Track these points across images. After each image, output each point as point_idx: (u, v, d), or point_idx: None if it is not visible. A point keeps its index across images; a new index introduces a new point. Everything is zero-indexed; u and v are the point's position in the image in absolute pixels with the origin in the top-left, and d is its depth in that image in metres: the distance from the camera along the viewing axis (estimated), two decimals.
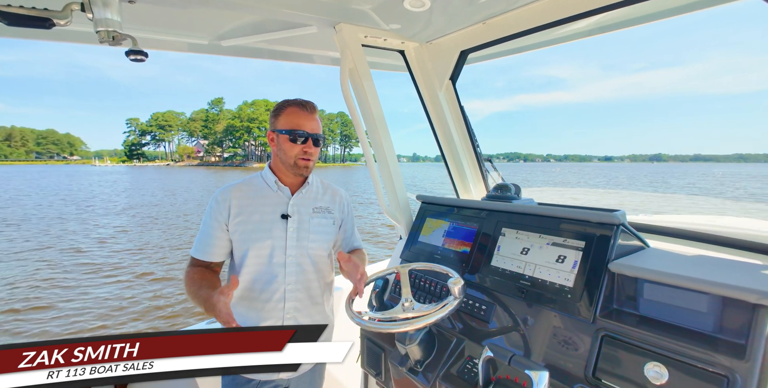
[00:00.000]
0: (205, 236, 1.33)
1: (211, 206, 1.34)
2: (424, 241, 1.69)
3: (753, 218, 1.71)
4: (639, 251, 1.22)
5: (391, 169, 1.80)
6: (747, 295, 0.85)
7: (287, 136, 1.32)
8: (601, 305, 1.07)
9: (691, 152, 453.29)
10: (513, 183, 1.72)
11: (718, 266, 1.05)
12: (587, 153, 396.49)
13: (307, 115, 1.34)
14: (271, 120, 1.38)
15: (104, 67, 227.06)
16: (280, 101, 1.38)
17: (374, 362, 1.50)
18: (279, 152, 1.35)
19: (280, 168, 1.39)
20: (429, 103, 1.98)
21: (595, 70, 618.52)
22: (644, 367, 0.93)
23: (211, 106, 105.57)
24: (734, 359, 0.83)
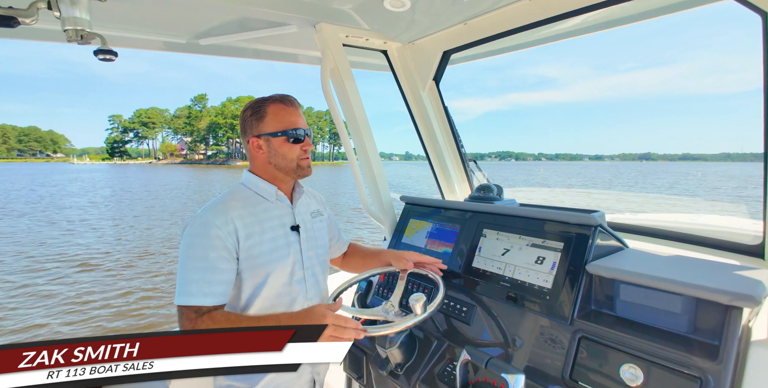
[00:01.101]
0: (211, 273, 1.03)
1: (209, 235, 1.04)
2: (407, 242, 1.68)
3: (730, 217, 1.74)
4: (617, 251, 1.23)
5: (374, 169, 1.79)
6: (720, 296, 0.86)
7: (284, 137, 1.16)
8: (578, 307, 1.07)
9: (679, 151, 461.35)
10: (495, 184, 1.72)
11: (693, 266, 1.05)
12: (578, 152, 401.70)
13: (294, 110, 1.20)
14: (249, 124, 1.17)
15: (93, 64, 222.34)
16: (252, 102, 1.19)
17: (356, 365, 1.49)
18: (274, 158, 1.17)
19: (275, 175, 1.21)
20: (413, 104, 1.97)
21: (585, 69, 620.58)
22: (620, 368, 0.93)
23: (194, 102, 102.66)
24: (707, 361, 0.84)
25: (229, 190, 1.20)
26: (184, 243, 1.06)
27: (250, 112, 1.18)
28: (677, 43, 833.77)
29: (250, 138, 1.19)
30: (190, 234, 1.06)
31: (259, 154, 1.19)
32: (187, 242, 1.06)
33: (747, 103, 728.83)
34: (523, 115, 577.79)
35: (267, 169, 1.22)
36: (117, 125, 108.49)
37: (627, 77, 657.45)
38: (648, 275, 0.96)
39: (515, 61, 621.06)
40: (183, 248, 1.05)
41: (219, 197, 1.16)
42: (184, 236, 1.07)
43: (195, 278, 1.03)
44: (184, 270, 1.03)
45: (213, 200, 1.15)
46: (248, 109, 1.19)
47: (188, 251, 1.04)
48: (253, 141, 1.18)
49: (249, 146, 1.21)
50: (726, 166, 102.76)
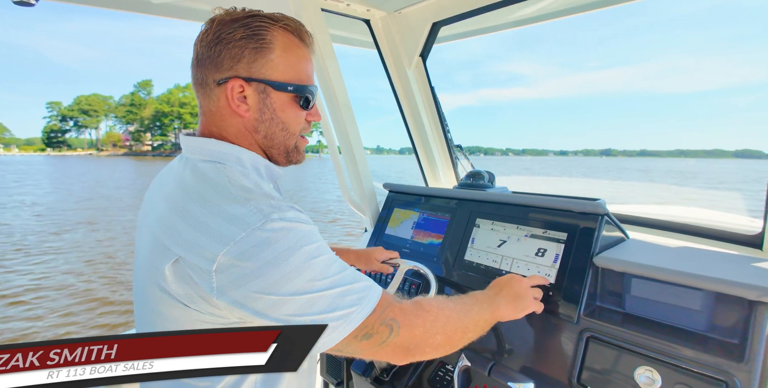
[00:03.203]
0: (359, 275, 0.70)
1: (316, 230, 0.68)
2: (391, 233, 1.54)
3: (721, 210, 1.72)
4: (621, 242, 1.14)
5: (356, 155, 1.63)
6: (746, 291, 0.77)
7: (293, 95, 0.73)
8: (585, 304, 0.97)
9: (638, 148, 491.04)
10: (487, 170, 1.61)
11: (704, 258, 0.98)
12: (544, 147, 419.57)
13: (309, 55, 0.77)
14: (234, 53, 0.68)
15: (44, 48, 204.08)
16: (242, 15, 0.70)
17: (335, 370, 1.35)
18: (268, 124, 0.73)
19: (264, 152, 0.78)
20: (397, 83, 1.81)
21: (554, 67, 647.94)
22: (634, 372, 0.84)
23: (138, 88, 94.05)
24: (732, 362, 0.75)
25: (221, 175, 0.67)
26: (297, 263, 0.61)
27: (243, 32, 0.67)
28: (641, 44, 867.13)
29: (230, 77, 0.68)
30: (313, 241, 0.64)
31: (240, 110, 0.71)
32: (316, 248, 0.64)
33: (699, 102, 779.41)
34: (493, 111, 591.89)
35: (250, 142, 0.75)
36: (56, 113, 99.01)
37: (592, 76, 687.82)
38: (667, 268, 0.87)
39: (487, 57, 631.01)
40: (300, 270, 0.61)
41: (240, 189, 0.65)
42: (286, 255, 0.60)
43: (352, 281, 0.67)
44: (329, 287, 0.63)
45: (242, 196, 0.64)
46: (237, 26, 0.68)
47: (323, 259, 0.64)
48: (234, 85, 0.69)
49: (221, 92, 0.70)
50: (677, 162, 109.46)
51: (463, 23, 1.63)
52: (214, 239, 0.59)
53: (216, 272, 0.59)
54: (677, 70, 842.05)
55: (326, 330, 0.60)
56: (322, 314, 0.61)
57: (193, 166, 0.70)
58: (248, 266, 0.58)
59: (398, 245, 1.47)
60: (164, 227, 0.65)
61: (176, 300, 0.64)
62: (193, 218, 0.62)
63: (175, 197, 0.67)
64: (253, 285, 0.59)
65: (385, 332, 0.65)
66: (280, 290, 0.59)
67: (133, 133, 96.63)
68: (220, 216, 0.61)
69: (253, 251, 0.58)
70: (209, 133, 0.73)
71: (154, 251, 0.65)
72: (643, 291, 0.93)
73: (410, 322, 0.68)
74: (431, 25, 1.59)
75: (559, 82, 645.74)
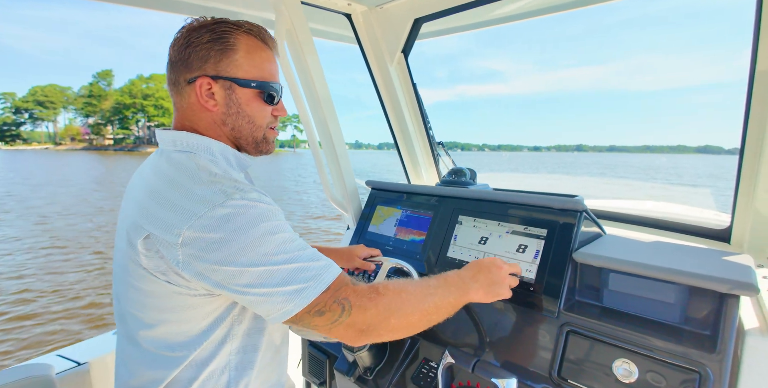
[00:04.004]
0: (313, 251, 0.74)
1: (280, 212, 0.73)
2: (374, 231, 1.52)
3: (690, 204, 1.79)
4: (598, 238, 1.17)
5: (338, 151, 1.60)
6: (717, 284, 0.80)
7: (257, 91, 0.80)
8: (564, 298, 0.99)
9: (607, 143, 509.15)
10: (468, 167, 1.61)
11: (680, 253, 1.01)
12: (519, 143, 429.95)
13: (273, 55, 0.84)
14: (202, 55, 0.76)
15: (3, 36, 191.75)
16: (208, 22, 0.78)
17: (317, 369, 1.33)
18: (235, 117, 0.80)
19: (233, 143, 0.85)
20: (379, 78, 1.79)
21: (529, 64, 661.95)
22: (612, 364, 0.86)
23: (97, 79, 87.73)
24: (705, 353, 0.78)
25: (191, 162, 0.73)
26: (253, 236, 0.65)
27: (210, 36, 0.75)
28: (612, 43, 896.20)
29: (198, 76, 0.76)
30: (271, 219, 0.68)
31: (208, 105, 0.78)
32: (273, 227, 0.68)
33: (664, 100, 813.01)
34: (470, 106, 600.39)
35: (219, 134, 0.81)
36: (9, 105, 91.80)
37: (565, 73, 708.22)
38: (644, 263, 0.89)
39: (464, 53, 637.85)
40: (257, 242, 0.65)
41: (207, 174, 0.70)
42: (242, 230, 0.65)
43: (310, 256, 0.71)
44: (285, 262, 0.67)
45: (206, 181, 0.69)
46: (204, 31, 0.75)
47: (281, 237, 0.68)
48: (202, 82, 0.76)
49: (191, 90, 0.77)
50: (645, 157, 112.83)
51: (444, 20, 1.62)
52: (180, 215, 0.65)
53: (181, 246, 0.65)
54: (644, 68, 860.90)
55: (280, 303, 0.66)
56: (277, 287, 0.65)
57: (168, 156, 0.77)
58: (209, 239, 0.64)
59: (381, 243, 1.46)
60: (139, 209, 0.71)
61: (150, 274, 0.70)
62: (163, 198, 0.69)
63: (150, 183, 0.74)
64: (212, 256, 0.64)
65: (338, 310, 0.68)
66: (236, 261, 0.64)
67: (93, 127, 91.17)
68: (186, 196, 0.67)
69: (215, 224, 0.64)
70: (182, 127, 0.82)
71: (131, 231, 0.71)
72: (620, 285, 0.95)
73: (362, 303, 0.70)
74: (413, 21, 1.57)
75: (534, 79, 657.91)
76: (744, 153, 1.09)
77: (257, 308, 0.68)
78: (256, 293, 0.66)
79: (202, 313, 0.74)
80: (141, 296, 0.73)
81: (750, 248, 1.12)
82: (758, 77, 1.01)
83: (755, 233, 1.10)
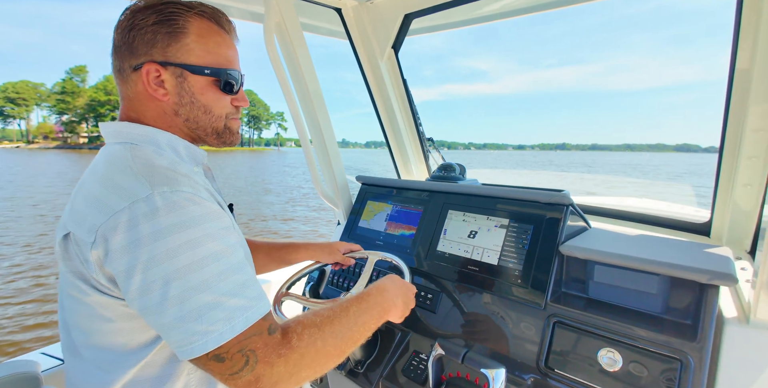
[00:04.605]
0: (245, 272, 0.63)
1: (220, 217, 0.63)
2: (364, 226, 1.53)
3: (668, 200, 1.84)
4: (584, 231, 1.19)
5: (328, 147, 1.60)
6: (698, 275, 0.83)
7: (211, 79, 0.73)
8: (551, 290, 1.01)
9: (590, 142, 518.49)
10: (458, 163, 1.63)
11: (662, 246, 1.04)
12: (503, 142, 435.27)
13: (230, 39, 0.77)
14: (147, 38, 0.68)
15: None
16: (156, 2, 0.70)
17: None
18: (189, 108, 0.73)
19: (190, 135, 0.77)
20: (369, 74, 1.78)
21: (513, 64, 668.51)
22: (597, 353, 0.89)
23: (71, 75, 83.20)
24: (686, 341, 0.81)
25: (126, 153, 0.66)
26: (167, 244, 0.55)
27: (156, 18, 0.67)
28: (593, 43, 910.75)
29: (144, 62, 0.68)
30: (204, 218, 0.59)
31: (157, 94, 0.70)
32: (205, 231, 0.59)
33: (643, 99, 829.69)
34: (455, 106, 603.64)
35: (170, 125, 0.74)
36: None
37: (548, 73, 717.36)
38: (626, 255, 0.92)
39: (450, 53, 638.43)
40: (173, 250, 0.55)
41: (141, 164, 0.63)
42: (154, 235, 0.55)
43: (244, 281, 0.61)
44: (198, 288, 0.56)
45: (128, 168, 0.62)
46: (150, 12, 0.68)
47: (209, 247, 0.58)
48: (149, 69, 0.68)
49: (137, 77, 0.69)
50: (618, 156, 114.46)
51: (434, 16, 1.62)
52: (98, 210, 0.57)
53: (93, 245, 0.56)
54: (624, 68, 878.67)
55: (178, 340, 0.56)
56: (179, 321, 0.55)
57: (107, 150, 0.70)
58: (121, 241, 0.55)
59: (372, 238, 1.47)
60: (69, 208, 0.65)
61: (71, 279, 0.62)
62: (88, 192, 0.62)
63: (84, 179, 0.67)
64: (121, 262, 0.55)
65: (240, 362, 0.57)
66: (145, 275, 0.54)
67: (67, 124, 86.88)
68: (108, 187, 0.59)
69: (129, 224, 0.55)
70: (128, 118, 0.73)
71: (57, 231, 0.66)
72: (605, 277, 0.97)
73: (269, 359, 0.58)
74: (403, 17, 1.57)
75: (517, 78, 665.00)
76: (723, 150, 1.12)
77: (160, 334, 0.59)
78: (157, 319, 0.56)
79: (138, 325, 0.63)
80: (68, 301, 0.65)
81: (729, 241, 1.16)
82: (737, 76, 1.04)
83: (734, 227, 1.14)
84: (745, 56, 1.01)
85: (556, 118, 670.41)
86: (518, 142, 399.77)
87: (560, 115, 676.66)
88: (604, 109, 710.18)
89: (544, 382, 0.93)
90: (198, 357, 0.56)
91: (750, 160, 1.06)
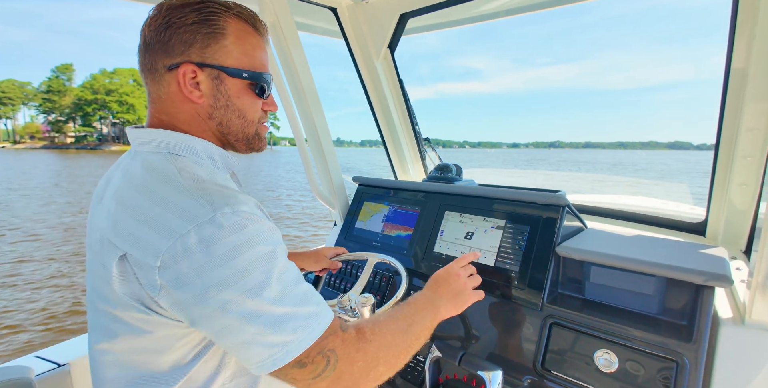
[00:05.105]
0: (309, 284, 0.66)
1: (275, 232, 0.63)
2: (361, 227, 1.52)
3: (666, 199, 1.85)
4: (580, 232, 1.19)
5: (324, 147, 1.59)
6: (693, 277, 0.83)
7: (248, 83, 0.71)
8: (548, 291, 1.01)
9: (583, 140, 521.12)
10: (454, 164, 1.62)
11: (658, 246, 1.04)
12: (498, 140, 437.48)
13: (264, 44, 0.75)
14: (186, 38, 0.65)
15: None
16: (198, 0, 0.67)
17: None
18: (224, 111, 0.71)
19: (220, 140, 0.75)
20: (365, 74, 1.77)
21: (507, 62, 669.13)
22: (594, 355, 0.89)
23: (57, 73, 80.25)
24: (681, 342, 0.81)
25: (170, 166, 0.63)
26: (244, 262, 0.55)
27: (195, 17, 0.65)
28: (586, 41, 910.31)
29: (181, 62, 0.65)
30: (262, 243, 0.58)
31: (193, 96, 0.67)
32: (264, 252, 0.58)
33: (636, 97, 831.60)
34: (450, 104, 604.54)
35: (204, 129, 0.71)
36: None
37: (542, 71, 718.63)
38: (622, 256, 0.92)
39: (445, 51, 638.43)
40: (246, 268, 0.55)
41: (191, 180, 0.61)
42: (229, 253, 0.55)
43: (304, 297, 0.61)
44: (272, 303, 0.57)
45: (195, 186, 0.60)
46: (189, 10, 0.65)
47: (269, 266, 0.58)
48: (186, 70, 0.65)
49: (171, 78, 0.67)
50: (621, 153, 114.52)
51: (430, 16, 1.62)
52: (160, 233, 0.56)
53: (160, 269, 0.55)
54: (615, 67, 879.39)
55: (258, 354, 0.56)
56: (258, 336, 0.55)
57: (143, 159, 0.66)
58: (190, 265, 0.54)
59: (368, 239, 1.46)
60: (111, 223, 0.61)
61: (125, 301, 0.59)
62: (140, 212, 0.59)
63: (122, 192, 0.64)
64: (190, 288, 0.54)
65: (321, 363, 0.58)
66: (217, 297, 0.54)
67: (53, 124, 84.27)
68: (167, 209, 0.57)
69: (197, 247, 0.54)
70: (159, 121, 0.70)
71: (102, 249, 0.62)
72: (601, 278, 0.97)
73: (349, 355, 0.60)
74: (399, 17, 1.56)
75: (511, 77, 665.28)
76: (719, 148, 1.12)
77: (235, 353, 0.59)
78: (232, 340, 0.56)
79: (190, 341, 0.63)
80: (115, 324, 0.63)
81: (724, 241, 1.16)
82: (733, 75, 1.04)
83: (729, 226, 1.14)
84: (741, 56, 1.01)
85: (550, 116, 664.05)
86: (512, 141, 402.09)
87: (554, 113, 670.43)
88: (598, 107, 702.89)
89: (540, 383, 0.93)
90: (280, 368, 0.56)
91: (745, 159, 1.06)
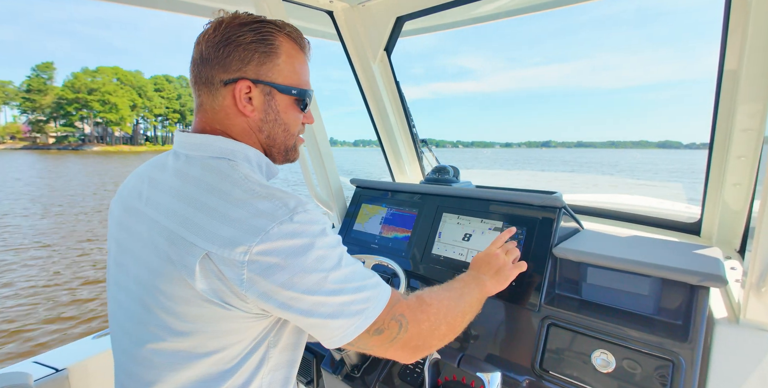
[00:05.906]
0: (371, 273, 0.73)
1: (331, 228, 0.71)
2: (359, 229, 1.53)
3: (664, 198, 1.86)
4: (576, 233, 1.20)
5: (322, 149, 1.59)
6: (688, 277, 0.84)
7: (295, 99, 0.77)
8: (545, 292, 1.02)
9: (575, 139, 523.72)
10: (451, 165, 1.63)
11: (654, 246, 1.05)
12: (491, 140, 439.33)
13: (307, 62, 0.81)
14: (244, 56, 0.70)
15: None
16: (248, 19, 0.72)
17: (305, 369, 1.33)
18: (273, 124, 0.77)
19: (264, 150, 0.81)
20: (362, 76, 1.78)
21: (500, 62, 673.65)
22: (591, 355, 0.89)
23: (37, 72, 78.80)
24: (677, 342, 0.82)
25: (236, 172, 0.69)
26: (318, 256, 0.63)
27: (253, 36, 0.70)
28: (577, 41, 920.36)
29: (238, 78, 0.71)
30: (313, 237, 0.64)
31: (246, 110, 0.73)
32: (332, 249, 0.66)
33: (626, 97, 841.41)
34: (444, 104, 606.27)
35: (254, 141, 0.77)
36: None
37: (535, 71, 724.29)
38: (619, 257, 0.92)
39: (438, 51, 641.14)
40: (321, 260, 0.63)
41: (258, 185, 0.67)
42: (308, 248, 0.63)
43: (364, 277, 0.69)
44: (344, 281, 0.65)
45: (265, 190, 0.66)
46: (247, 30, 0.70)
47: (337, 259, 0.66)
48: (242, 86, 0.71)
49: (227, 92, 0.72)
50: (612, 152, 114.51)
51: (426, 18, 1.63)
52: (247, 231, 0.61)
53: (248, 264, 0.60)
54: (606, 67, 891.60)
55: (341, 326, 0.64)
56: (340, 308, 0.63)
57: (203, 163, 0.70)
58: (275, 257, 0.60)
59: (367, 241, 1.47)
60: (183, 223, 0.65)
61: (202, 298, 0.63)
62: (220, 213, 0.63)
63: (189, 192, 0.67)
64: (278, 277, 0.61)
65: (395, 327, 0.68)
66: (300, 282, 0.61)
67: (34, 124, 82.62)
68: (247, 210, 0.63)
69: (281, 242, 0.61)
70: (212, 130, 0.75)
71: (173, 248, 0.64)
72: (598, 279, 0.98)
73: (416, 317, 0.70)
74: (395, 19, 1.57)
75: (505, 77, 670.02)
76: (713, 149, 1.14)
77: (317, 331, 0.65)
78: (319, 315, 0.63)
79: (246, 337, 0.68)
80: (179, 322, 0.65)
81: (718, 241, 1.17)
82: (726, 76, 1.05)
83: (723, 226, 1.15)
84: (734, 57, 1.02)
85: (542, 115, 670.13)
86: (505, 140, 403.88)
87: (546, 112, 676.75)
88: (589, 106, 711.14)
89: (538, 383, 0.93)
90: (361, 336, 0.65)
91: (739, 159, 1.07)
